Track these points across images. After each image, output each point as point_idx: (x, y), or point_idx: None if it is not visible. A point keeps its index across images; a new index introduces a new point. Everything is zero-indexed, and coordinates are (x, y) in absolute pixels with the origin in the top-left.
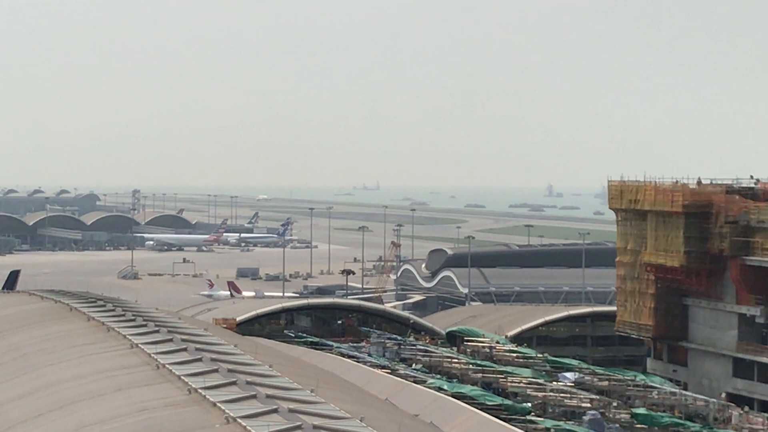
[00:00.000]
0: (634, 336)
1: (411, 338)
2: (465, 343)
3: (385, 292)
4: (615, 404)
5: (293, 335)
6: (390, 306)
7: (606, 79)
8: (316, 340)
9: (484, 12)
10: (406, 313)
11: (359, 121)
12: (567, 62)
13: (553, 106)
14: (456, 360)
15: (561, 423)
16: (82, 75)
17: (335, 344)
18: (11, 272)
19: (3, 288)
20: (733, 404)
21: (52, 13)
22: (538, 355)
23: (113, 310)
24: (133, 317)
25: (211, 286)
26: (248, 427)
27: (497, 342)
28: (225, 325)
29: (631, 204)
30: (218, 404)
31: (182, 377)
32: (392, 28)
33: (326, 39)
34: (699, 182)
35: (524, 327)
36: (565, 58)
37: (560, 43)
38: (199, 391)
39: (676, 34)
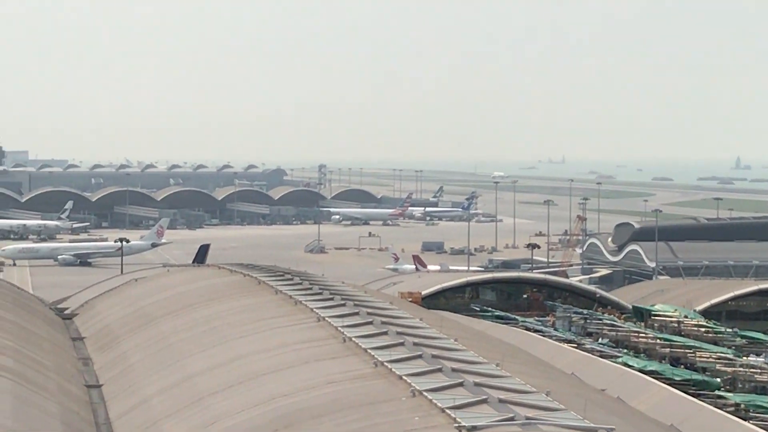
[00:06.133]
0: None
1: (597, 312)
2: (652, 317)
3: (571, 266)
4: None
5: (478, 309)
6: (576, 280)
7: None
8: (501, 314)
9: None
10: (592, 287)
11: (545, 93)
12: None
13: (744, 73)
14: (643, 334)
15: (752, 397)
16: (271, 52)
17: (520, 318)
18: (201, 246)
19: (193, 262)
20: None
21: None
22: (728, 330)
23: (300, 284)
24: (319, 291)
25: (397, 259)
26: (434, 401)
27: (685, 316)
28: (410, 299)
29: None
30: (404, 377)
31: (368, 350)
32: None
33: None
34: None
35: (713, 301)
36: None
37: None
38: (385, 364)
39: None
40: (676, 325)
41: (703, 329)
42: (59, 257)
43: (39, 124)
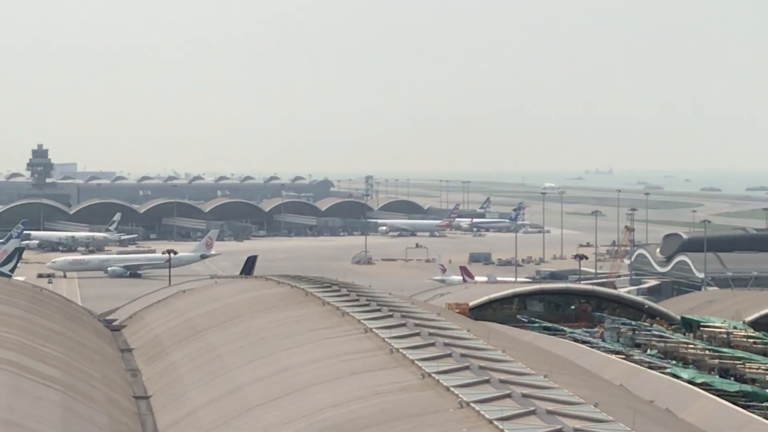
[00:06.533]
0: None
1: (646, 323)
2: (701, 328)
3: (619, 277)
4: None
5: (526, 320)
6: (624, 291)
7: None
8: (549, 325)
9: None
10: (640, 298)
11: (590, 105)
12: None
13: None
14: (692, 346)
15: None
16: (318, 65)
17: (568, 329)
18: (249, 257)
19: (241, 273)
20: None
21: None
22: None
23: (347, 295)
24: (367, 302)
25: (444, 271)
26: (481, 412)
27: (734, 327)
28: (457, 310)
29: None
30: (451, 389)
31: (416, 362)
32: None
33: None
34: None
35: (763, 312)
36: None
37: None
38: (433, 375)
39: None
40: (725, 336)
41: (752, 340)
42: (109, 269)
43: (87, 136)
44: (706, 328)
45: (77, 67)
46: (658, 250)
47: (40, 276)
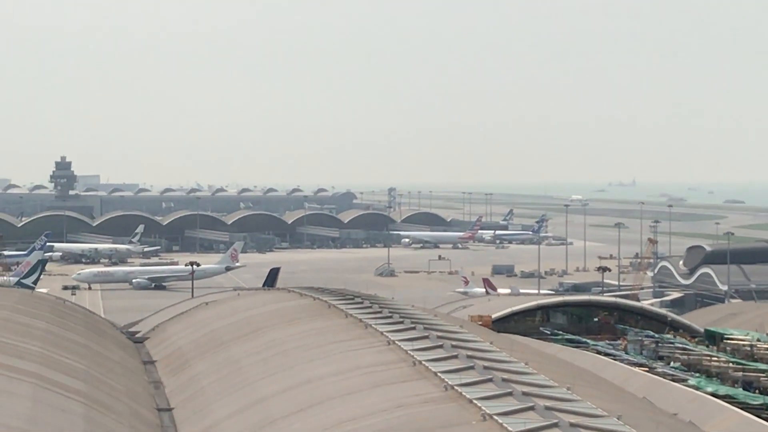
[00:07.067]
0: None
1: (669, 336)
2: (725, 341)
3: (642, 289)
4: None
5: (549, 332)
6: (647, 303)
7: None
8: (572, 337)
9: None
10: (663, 311)
11: (613, 117)
12: None
13: None
14: (715, 358)
15: None
16: (340, 78)
17: (591, 342)
18: (271, 270)
19: (264, 285)
20: None
21: None
22: None
23: (370, 307)
24: (389, 314)
25: (467, 283)
26: (504, 424)
27: (758, 340)
28: (480, 322)
29: None
30: (474, 401)
31: (439, 374)
32: None
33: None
34: None
35: None
36: None
37: None
38: (456, 387)
39: None
40: (748, 348)
41: None
42: (134, 281)
43: (110, 148)
44: (729, 341)
45: (100, 79)
46: (681, 262)
47: (65, 288)
